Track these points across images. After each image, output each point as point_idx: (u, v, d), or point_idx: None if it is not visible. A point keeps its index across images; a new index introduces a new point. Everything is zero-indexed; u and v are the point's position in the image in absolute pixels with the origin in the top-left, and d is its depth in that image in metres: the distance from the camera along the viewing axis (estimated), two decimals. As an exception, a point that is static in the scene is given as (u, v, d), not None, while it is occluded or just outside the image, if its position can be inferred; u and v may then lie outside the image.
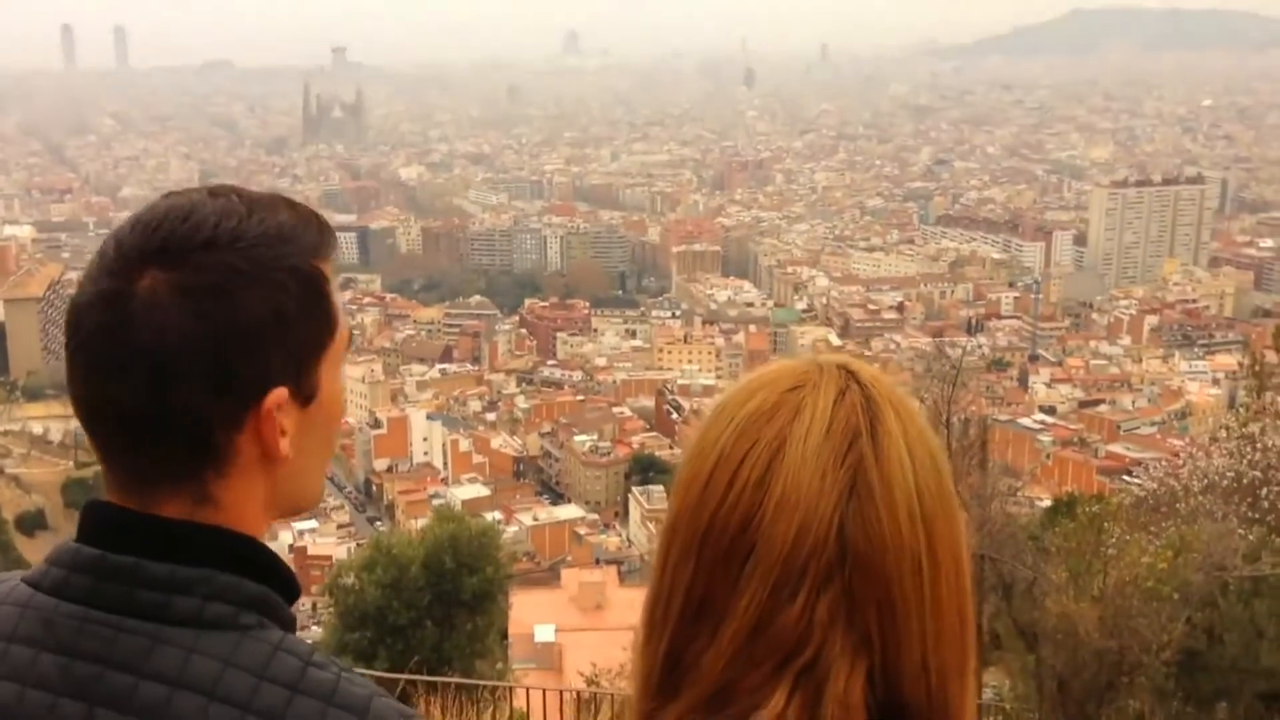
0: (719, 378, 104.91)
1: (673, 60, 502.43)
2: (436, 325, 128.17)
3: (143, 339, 1.12)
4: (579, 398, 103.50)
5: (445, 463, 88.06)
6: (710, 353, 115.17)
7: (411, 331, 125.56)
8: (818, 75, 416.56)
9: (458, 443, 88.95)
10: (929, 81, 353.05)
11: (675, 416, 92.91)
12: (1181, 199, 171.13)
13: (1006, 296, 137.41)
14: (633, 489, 78.24)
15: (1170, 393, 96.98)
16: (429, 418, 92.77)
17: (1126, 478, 39.74)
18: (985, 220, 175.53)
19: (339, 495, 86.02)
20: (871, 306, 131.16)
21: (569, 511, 78.42)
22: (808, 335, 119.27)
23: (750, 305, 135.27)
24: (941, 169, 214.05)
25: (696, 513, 1.11)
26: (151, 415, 1.13)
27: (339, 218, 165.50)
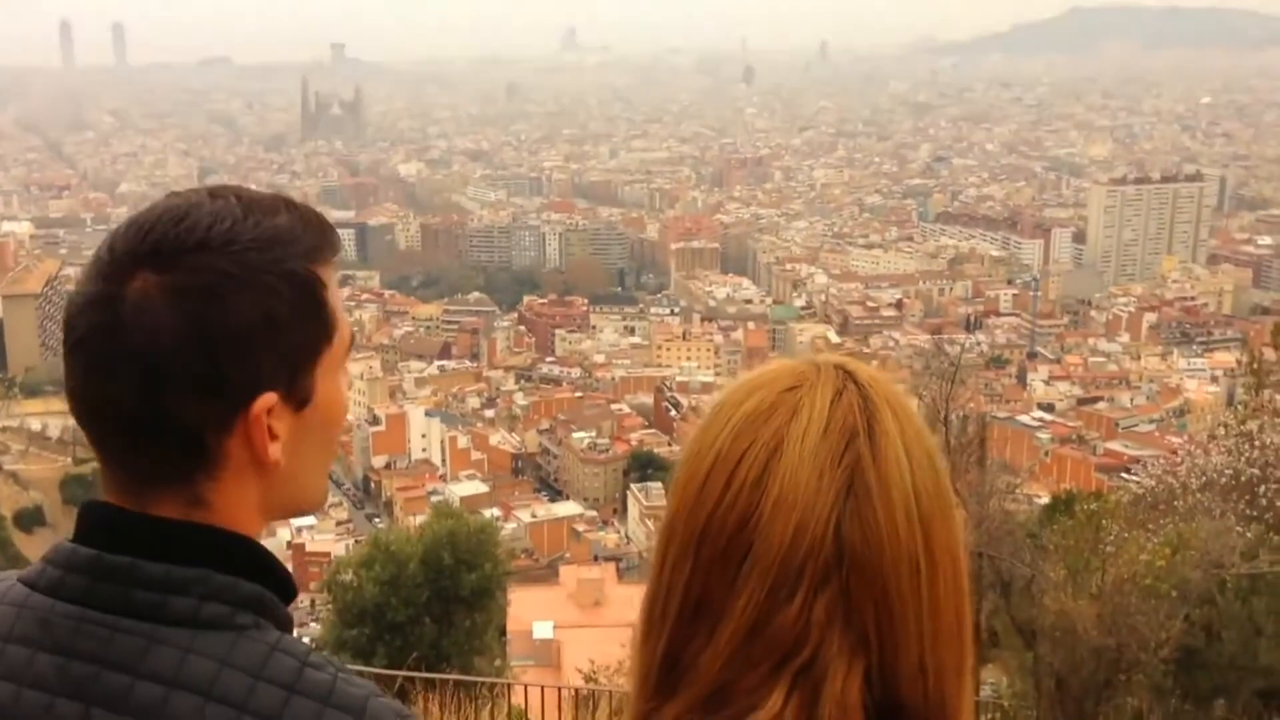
0: (717, 375, 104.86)
1: (672, 57, 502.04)
2: (435, 322, 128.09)
3: (134, 341, 1.12)
4: (577, 394, 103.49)
5: (443, 459, 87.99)
6: (709, 350, 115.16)
7: (410, 328, 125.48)
8: (817, 72, 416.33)
9: (456, 439, 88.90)
10: (928, 79, 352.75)
11: (674, 413, 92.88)
12: (1180, 196, 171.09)
13: (1005, 294, 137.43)
14: (631, 486, 78.26)
15: (1169, 390, 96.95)
16: (427, 414, 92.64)
17: (1125, 475, 39.66)
18: (984, 217, 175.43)
19: (337, 492, 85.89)
20: (870, 304, 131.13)
21: (567, 508, 78.34)
22: (806, 332, 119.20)
23: (749, 302, 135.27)
24: (940, 166, 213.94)
25: (694, 512, 1.11)
26: (143, 417, 1.13)
27: (337, 214, 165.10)
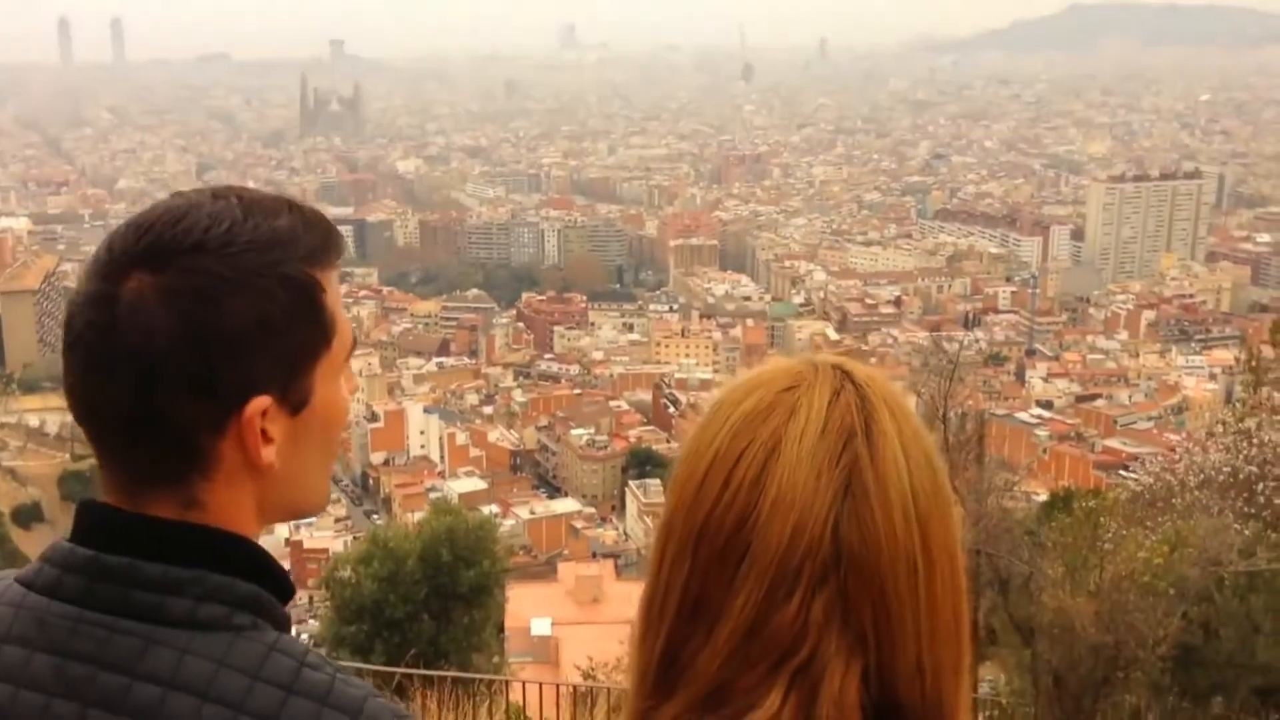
0: (716, 371, 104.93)
1: (670, 54, 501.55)
2: (433, 318, 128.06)
3: (129, 341, 1.12)
4: (576, 391, 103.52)
5: (442, 456, 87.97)
6: (707, 346, 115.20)
7: (408, 325, 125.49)
8: (816, 69, 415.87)
9: (454, 436, 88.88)
10: (927, 76, 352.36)
11: (672, 410, 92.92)
12: (1179, 194, 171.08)
13: (1004, 291, 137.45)
14: (629, 483, 78.31)
15: (1167, 388, 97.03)
16: (426, 411, 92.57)
17: (1123, 472, 39.72)
18: (983, 215, 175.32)
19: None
20: (869, 301, 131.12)
21: (566, 505, 78.37)
22: (805, 329, 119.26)
23: (747, 299, 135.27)
24: (939, 163, 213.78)
25: (692, 512, 1.11)
26: (138, 416, 1.13)
27: (336, 210, 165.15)
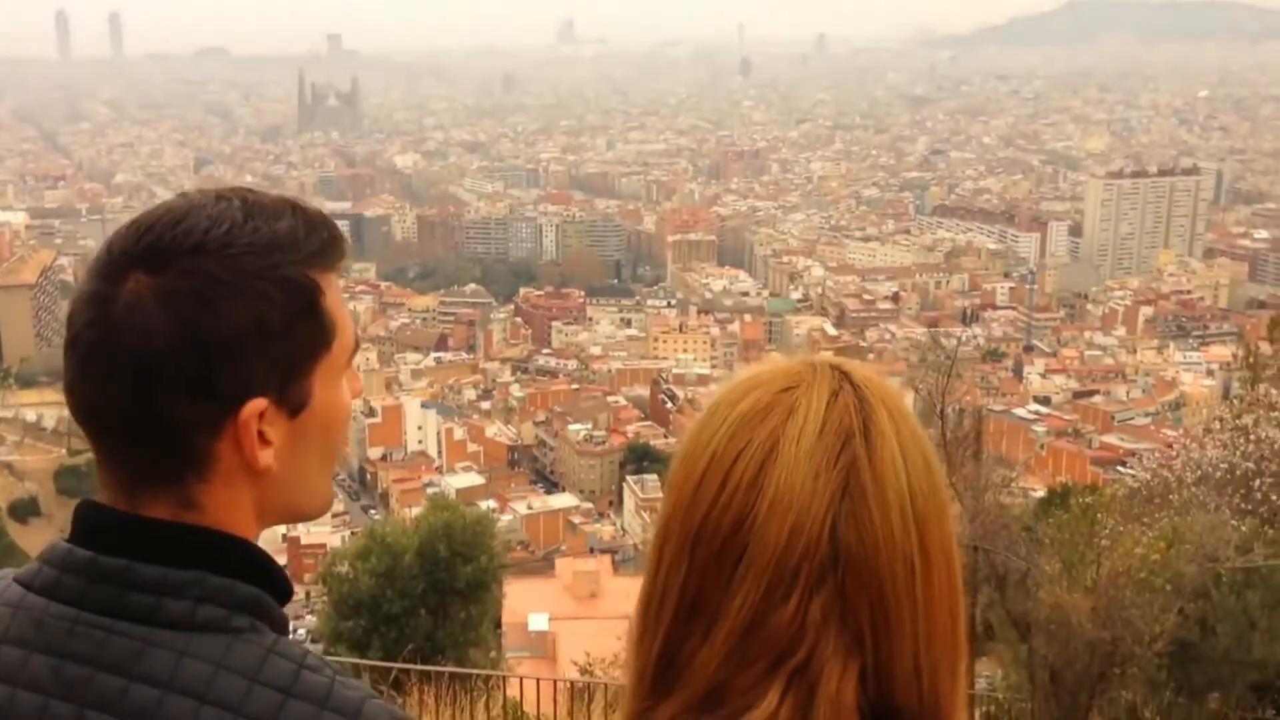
0: (714, 367, 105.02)
1: (669, 49, 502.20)
2: (431, 313, 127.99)
3: (126, 341, 1.12)
4: (574, 386, 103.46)
5: (440, 451, 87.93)
6: (705, 342, 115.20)
7: (406, 320, 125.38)
8: (814, 65, 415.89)
9: (452, 431, 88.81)
10: (925, 72, 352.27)
11: (670, 406, 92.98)
12: (1177, 190, 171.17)
13: (1002, 287, 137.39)
14: (627, 478, 78.36)
15: (1164, 384, 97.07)
16: (423, 406, 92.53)
17: (1120, 469, 39.61)
18: (981, 210, 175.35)
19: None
20: (867, 296, 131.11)
21: (563, 500, 78.44)
22: (803, 325, 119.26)
23: (745, 295, 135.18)
24: (937, 159, 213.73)
25: (689, 513, 1.11)
26: (136, 417, 1.13)
27: (333, 205, 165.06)
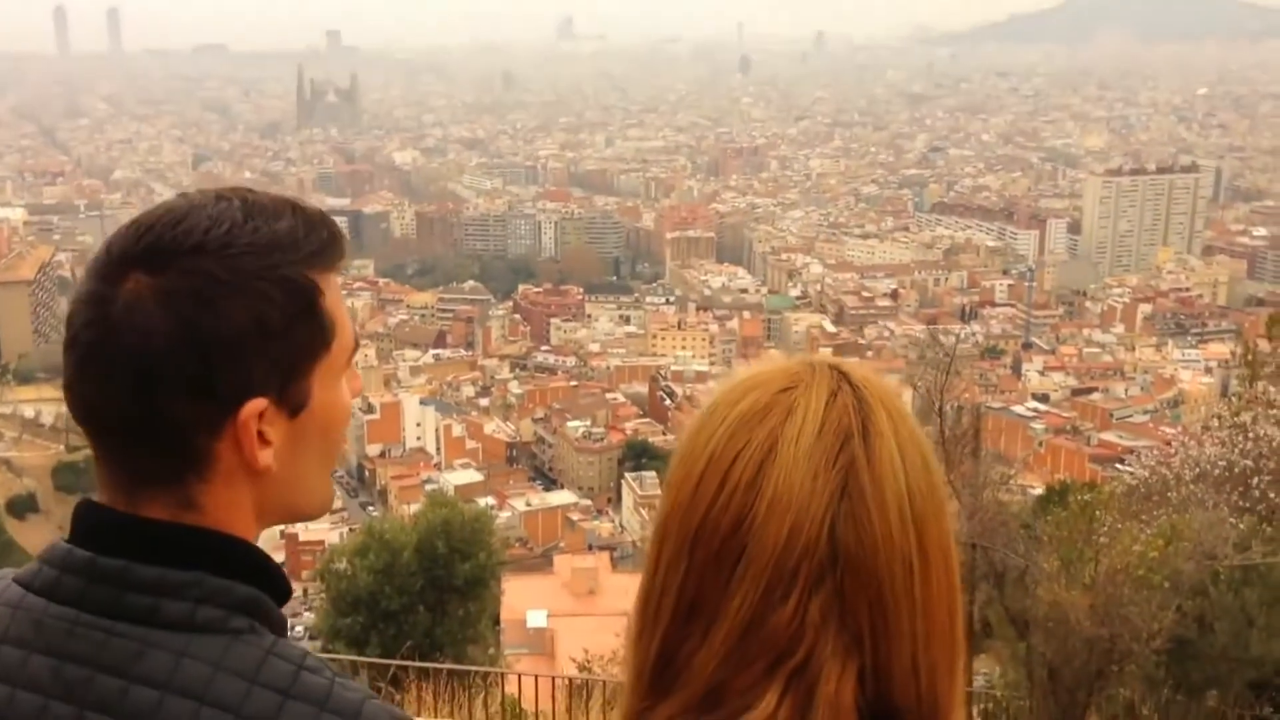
0: (712, 364, 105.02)
1: (668, 46, 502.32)
2: (430, 310, 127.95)
3: (126, 342, 1.12)
4: (572, 383, 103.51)
5: (438, 448, 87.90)
6: (704, 339, 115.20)
7: (405, 316, 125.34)
8: (813, 62, 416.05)
9: (451, 428, 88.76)
10: (924, 69, 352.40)
11: (668, 403, 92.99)
12: (1176, 187, 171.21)
13: (1000, 284, 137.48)
14: (625, 475, 78.31)
15: (1163, 381, 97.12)
16: (422, 403, 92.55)
17: (1119, 466, 39.73)
18: (980, 208, 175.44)
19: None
20: (865, 294, 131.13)
21: (562, 497, 78.44)
22: (802, 322, 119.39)
23: (744, 292, 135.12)
24: (936, 156, 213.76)
25: (688, 514, 1.11)
26: (135, 417, 1.13)
27: (332, 202, 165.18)
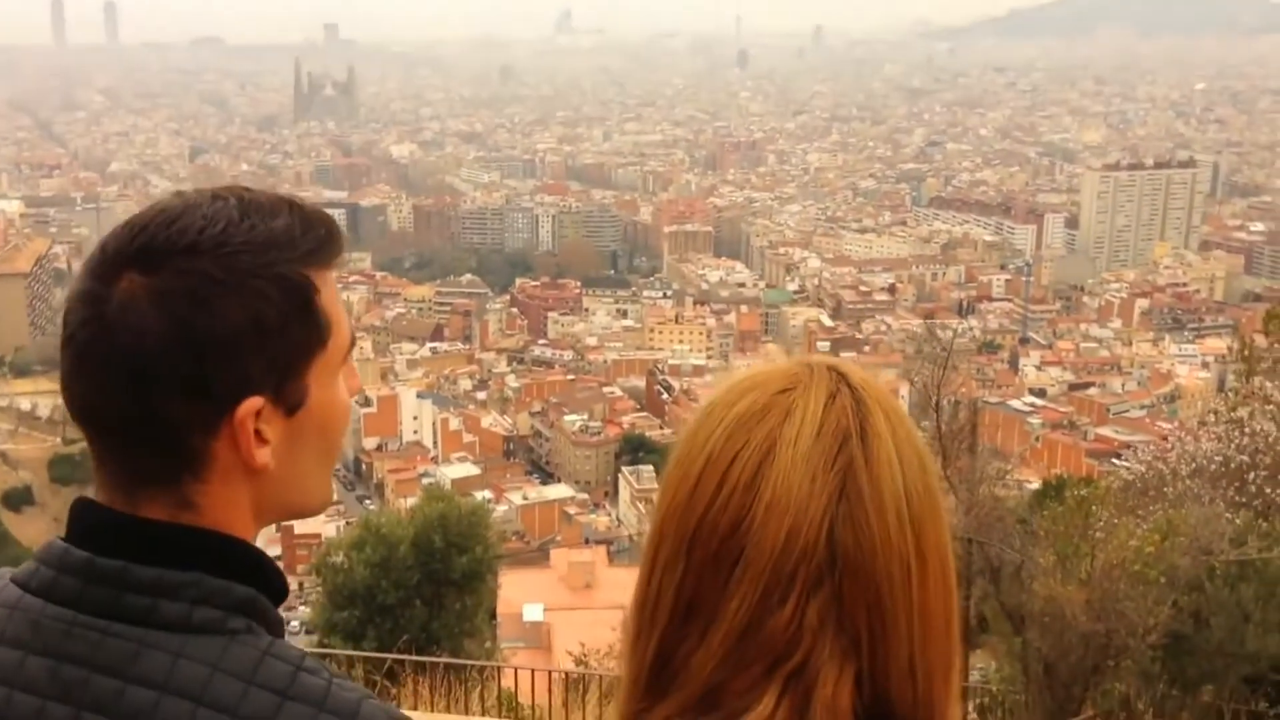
0: (710, 358, 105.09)
1: (666, 40, 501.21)
2: (427, 304, 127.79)
3: (120, 341, 1.11)
4: (569, 377, 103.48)
5: (435, 441, 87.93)
6: (701, 333, 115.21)
7: (402, 310, 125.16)
8: (811, 56, 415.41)
9: (448, 421, 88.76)
10: (923, 63, 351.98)
11: (666, 396, 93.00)
12: (1173, 183, 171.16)
13: (998, 279, 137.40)
14: (623, 469, 78.32)
15: (1160, 376, 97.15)
16: (419, 396, 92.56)
17: (1115, 461, 39.82)
18: (977, 202, 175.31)
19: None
20: (863, 288, 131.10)
21: (559, 491, 78.41)
22: (799, 316, 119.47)
23: (742, 286, 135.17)
24: (934, 151, 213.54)
25: (685, 515, 1.10)
26: (131, 417, 1.12)
27: (329, 195, 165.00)
